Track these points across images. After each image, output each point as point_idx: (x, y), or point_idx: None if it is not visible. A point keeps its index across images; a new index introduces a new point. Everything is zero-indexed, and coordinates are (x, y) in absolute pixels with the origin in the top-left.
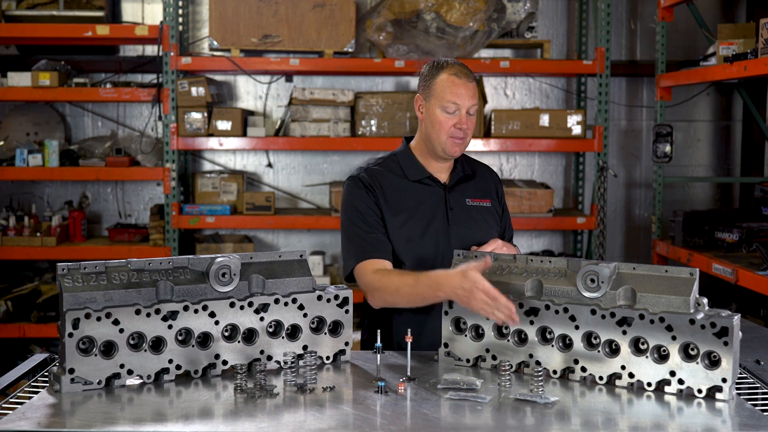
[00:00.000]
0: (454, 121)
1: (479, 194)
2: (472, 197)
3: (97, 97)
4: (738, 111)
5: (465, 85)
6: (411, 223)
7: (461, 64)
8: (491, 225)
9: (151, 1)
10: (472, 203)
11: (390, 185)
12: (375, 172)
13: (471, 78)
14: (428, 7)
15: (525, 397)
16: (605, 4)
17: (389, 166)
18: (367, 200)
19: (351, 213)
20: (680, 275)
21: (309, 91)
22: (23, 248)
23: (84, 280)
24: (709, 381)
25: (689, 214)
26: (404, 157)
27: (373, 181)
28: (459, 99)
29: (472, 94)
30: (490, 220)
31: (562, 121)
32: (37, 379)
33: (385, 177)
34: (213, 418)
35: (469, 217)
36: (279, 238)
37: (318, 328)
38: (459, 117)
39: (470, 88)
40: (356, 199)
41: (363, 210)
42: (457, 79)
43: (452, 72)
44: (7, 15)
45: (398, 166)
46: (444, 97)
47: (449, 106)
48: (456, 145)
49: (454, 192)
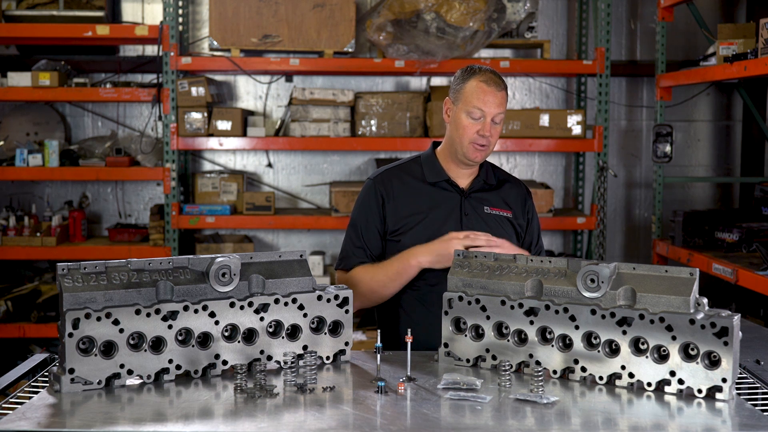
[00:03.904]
0: (478, 127)
1: (501, 204)
2: (492, 206)
3: (97, 97)
4: (738, 111)
5: (493, 93)
6: (424, 224)
7: (494, 73)
8: (509, 235)
9: (151, 1)
10: (491, 211)
11: (405, 187)
12: (392, 174)
13: (501, 87)
14: (428, 7)
15: (525, 397)
16: (605, 4)
17: (409, 168)
18: (370, 209)
19: (354, 215)
20: (680, 275)
21: (309, 91)
22: (23, 248)
23: (84, 280)
24: (709, 381)
25: (689, 214)
26: (427, 160)
27: (386, 185)
28: (485, 106)
29: (500, 102)
30: (508, 230)
31: (562, 121)
32: (37, 379)
33: (401, 179)
34: (213, 418)
35: (484, 224)
36: (279, 238)
37: (318, 328)
38: (483, 124)
39: (498, 96)
40: (363, 205)
41: (363, 218)
42: (486, 86)
43: (482, 79)
44: (7, 15)
45: (419, 168)
46: (470, 103)
47: (475, 111)
48: (477, 151)
49: (472, 198)
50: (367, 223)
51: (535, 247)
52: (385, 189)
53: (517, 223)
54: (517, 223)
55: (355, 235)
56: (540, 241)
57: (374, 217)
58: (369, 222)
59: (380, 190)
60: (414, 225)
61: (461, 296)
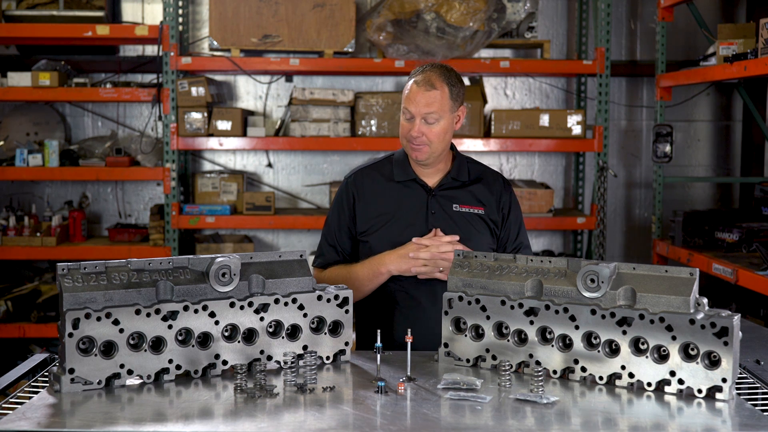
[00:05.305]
0: (410, 127)
1: (471, 201)
2: (462, 203)
3: (97, 97)
4: (738, 111)
5: (422, 93)
6: (391, 224)
7: (438, 71)
8: (480, 232)
9: (151, 1)
10: (460, 209)
11: (375, 187)
12: (364, 174)
13: (434, 87)
14: (428, 7)
15: (525, 397)
16: (605, 4)
17: (381, 167)
18: (342, 209)
19: (329, 214)
20: (680, 275)
21: (309, 91)
22: (23, 248)
23: (84, 280)
24: (709, 381)
25: (689, 214)
26: (397, 159)
27: (358, 186)
28: (412, 106)
29: (429, 102)
30: (479, 227)
31: (562, 121)
32: (37, 379)
33: (373, 179)
34: (213, 418)
35: (452, 222)
36: (279, 238)
37: (318, 328)
38: (413, 124)
39: (428, 96)
40: (336, 204)
41: (336, 217)
42: (416, 86)
43: (415, 79)
44: (7, 15)
45: (390, 167)
46: (403, 103)
47: (406, 112)
48: (414, 150)
49: (440, 197)
50: (339, 222)
51: (514, 243)
52: (356, 189)
53: (490, 220)
54: (491, 219)
55: (328, 234)
56: (521, 237)
57: (345, 217)
58: (341, 222)
59: (352, 190)
60: (380, 226)
61: (461, 296)
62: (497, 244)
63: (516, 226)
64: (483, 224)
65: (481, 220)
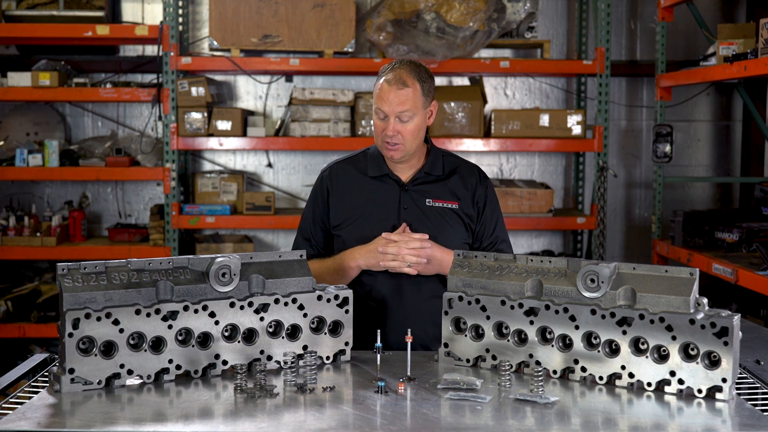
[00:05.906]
0: (384, 126)
1: (446, 195)
2: (435, 198)
3: (97, 97)
4: (738, 111)
5: (394, 92)
6: (364, 219)
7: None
8: (452, 227)
9: (151, 1)
10: (433, 204)
11: (348, 181)
12: (340, 168)
13: (405, 84)
14: (428, 7)
15: (525, 397)
16: (605, 4)
17: (356, 162)
18: (316, 202)
19: (305, 208)
20: (680, 275)
21: (309, 91)
22: (23, 248)
23: (84, 280)
24: (709, 381)
25: (689, 214)
26: (372, 154)
27: (332, 180)
28: (385, 105)
29: (402, 100)
30: (452, 222)
31: (562, 121)
32: (37, 379)
33: (347, 173)
34: (213, 418)
35: (424, 217)
36: (279, 238)
37: (318, 328)
38: (387, 123)
39: (401, 94)
40: (312, 197)
41: (310, 211)
42: (387, 85)
43: (386, 78)
44: (7, 15)
45: (365, 162)
46: (376, 103)
47: (379, 111)
48: (389, 150)
49: (413, 191)
50: (313, 216)
51: (490, 237)
52: (331, 183)
53: (465, 214)
54: (465, 213)
55: (304, 228)
56: (497, 232)
57: (319, 211)
58: (315, 215)
59: (326, 184)
60: (353, 221)
61: (461, 296)
62: (473, 239)
63: (492, 221)
64: (457, 219)
65: (455, 214)
